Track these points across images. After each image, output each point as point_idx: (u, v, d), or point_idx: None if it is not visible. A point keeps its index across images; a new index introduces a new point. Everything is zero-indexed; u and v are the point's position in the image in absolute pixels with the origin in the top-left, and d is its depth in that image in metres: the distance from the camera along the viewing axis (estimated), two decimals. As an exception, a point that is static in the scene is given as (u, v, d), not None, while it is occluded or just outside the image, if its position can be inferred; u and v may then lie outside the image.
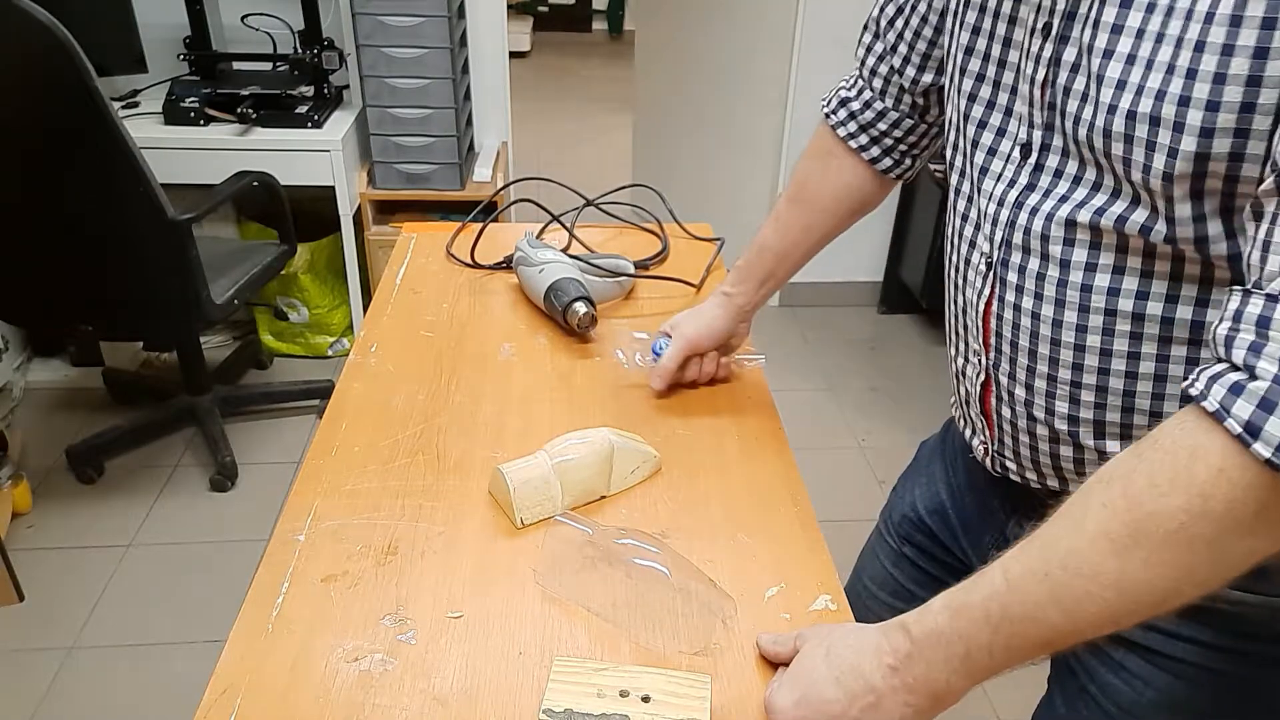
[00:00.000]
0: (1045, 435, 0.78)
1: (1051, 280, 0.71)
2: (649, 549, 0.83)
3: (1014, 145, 0.75)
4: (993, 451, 0.85)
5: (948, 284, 0.86)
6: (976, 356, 0.82)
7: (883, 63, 0.96)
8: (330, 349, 2.90)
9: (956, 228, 0.83)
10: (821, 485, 1.12)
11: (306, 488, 0.95)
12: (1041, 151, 0.72)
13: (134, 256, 2.06)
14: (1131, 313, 0.68)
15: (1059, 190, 0.71)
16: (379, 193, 2.66)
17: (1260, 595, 0.71)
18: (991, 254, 0.77)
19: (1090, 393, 0.72)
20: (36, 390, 2.71)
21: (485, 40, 2.81)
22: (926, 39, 0.91)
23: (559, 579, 0.84)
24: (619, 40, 6.89)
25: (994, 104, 0.77)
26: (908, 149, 1.01)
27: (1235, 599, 0.72)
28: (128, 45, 2.48)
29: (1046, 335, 0.73)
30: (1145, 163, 0.62)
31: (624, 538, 0.84)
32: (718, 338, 1.12)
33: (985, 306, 0.79)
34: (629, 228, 1.52)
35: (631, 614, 0.81)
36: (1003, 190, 0.75)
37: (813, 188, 1.06)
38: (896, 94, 0.97)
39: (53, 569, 2.10)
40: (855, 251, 3.23)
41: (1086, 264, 0.69)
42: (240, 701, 0.73)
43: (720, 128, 3.29)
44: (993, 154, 0.77)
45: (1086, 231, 0.69)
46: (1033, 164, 0.73)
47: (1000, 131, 0.77)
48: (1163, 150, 0.61)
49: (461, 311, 1.29)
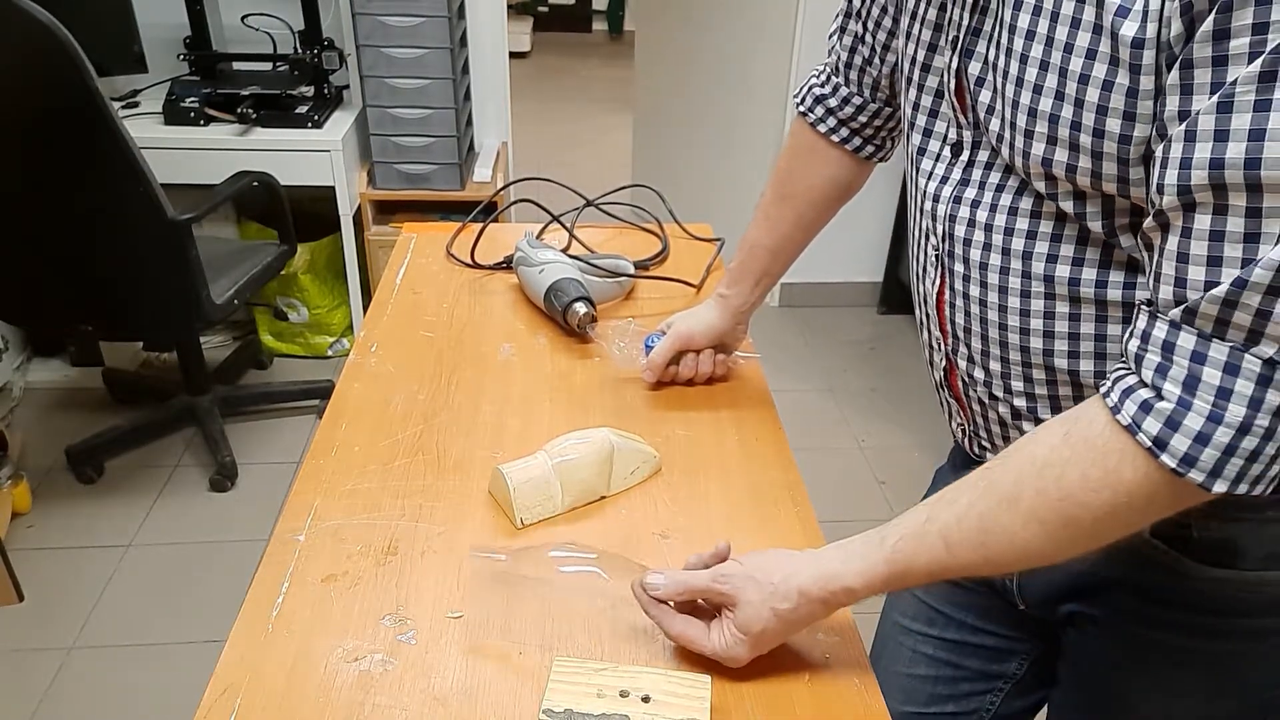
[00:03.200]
0: (1008, 413, 0.80)
1: (994, 268, 0.74)
2: (581, 555, 0.82)
3: (943, 145, 0.79)
4: (969, 433, 0.88)
5: (910, 275, 0.89)
6: (938, 343, 0.85)
7: (855, 54, 0.97)
8: (330, 349, 2.90)
9: (914, 220, 0.86)
10: (821, 485, 1.12)
11: (306, 488, 0.96)
12: (972, 149, 0.76)
13: (134, 256, 2.06)
14: (1068, 293, 0.71)
15: (992, 182, 0.74)
16: (379, 193, 2.66)
17: (1235, 570, 0.73)
18: (939, 245, 0.79)
19: (1040, 371, 0.75)
20: (36, 390, 2.71)
21: (485, 40, 2.81)
22: (886, 29, 0.93)
23: (490, 621, 0.82)
24: (619, 40, 6.88)
25: (919, 105, 0.81)
26: (887, 133, 1.04)
27: (1210, 575, 0.74)
28: (128, 45, 2.48)
29: (994, 320, 0.76)
30: (1064, 174, 0.66)
31: (555, 549, 0.83)
32: (711, 334, 1.12)
33: (938, 296, 0.82)
34: (629, 228, 1.52)
35: (569, 628, 0.81)
36: (936, 187, 0.79)
37: (799, 182, 1.08)
38: (871, 84, 0.99)
39: (53, 569, 2.10)
40: (855, 252, 3.23)
41: (1026, 238, 0.72)
42: (240, 701, 0.73)
43: (720, 128, 3.29)
44: (922, 153, 0.81)
45: (1027, 214, 0.71)
46: (965, 161, 0.76)
47: (927, 132, 0.81)
48: (1069, 167, 0.65)
49: (461, 311, 1.29)
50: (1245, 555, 0.73)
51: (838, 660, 0.79)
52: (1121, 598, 0.80)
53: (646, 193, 1.52)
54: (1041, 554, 0.65)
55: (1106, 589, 0.81)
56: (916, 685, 1.02)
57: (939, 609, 1.01)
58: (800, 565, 0.75)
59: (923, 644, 1.01)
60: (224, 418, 2.47)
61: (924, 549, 0.70)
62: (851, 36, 0.97)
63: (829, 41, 1.01)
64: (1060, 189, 0.68)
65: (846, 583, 0.72)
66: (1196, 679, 0.79)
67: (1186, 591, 0.76)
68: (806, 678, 0.77)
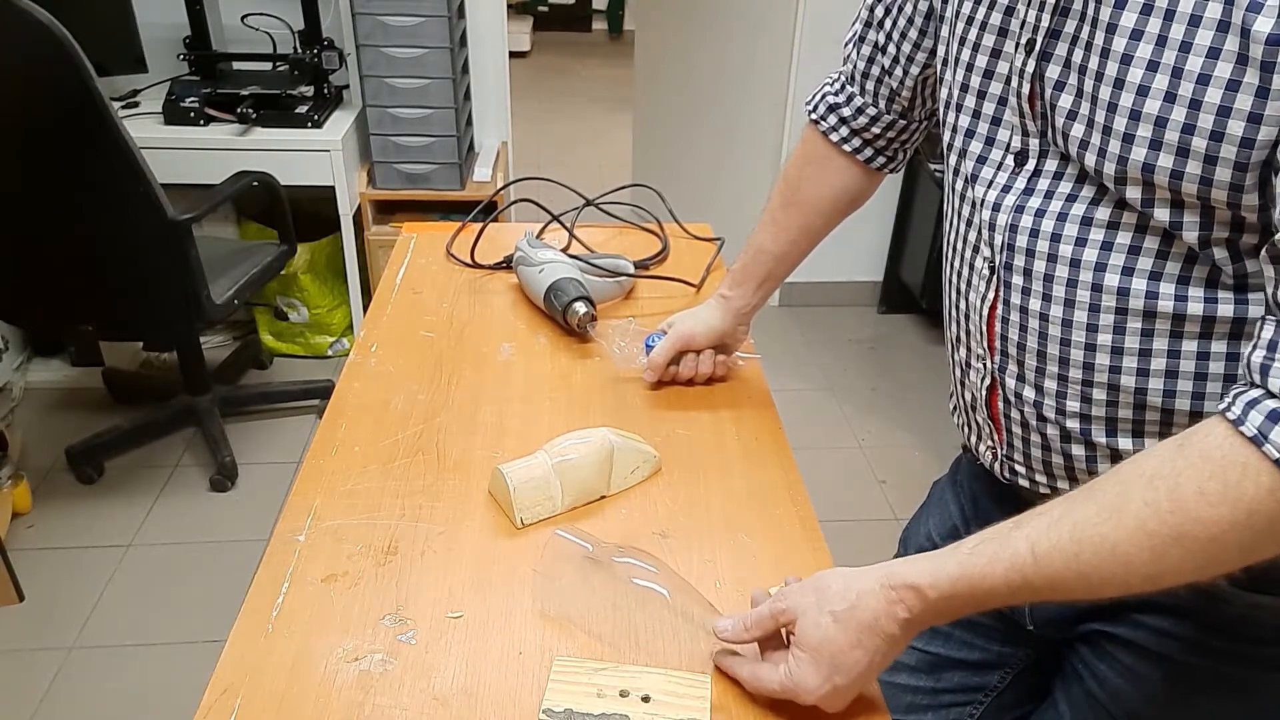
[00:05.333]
0: (1056, 435, 0.77)
1: (1060, 280, 0.72)
2: (648, 568, 0.82)
3: (1005, 153, 0.76)
4: (1001, 456, 0.85)
5: (948, 289, 0.86)
6: (980, 361, 0.82)
7: (873, 64, 0.97)
8: (330, 349, 2.90)
9: (958, 233, 0.83)
10: (821, 485, 1.12)
11: (306, 488, 0.95)
12: (1039, 158, 0.73)
13: (134, 256, 2.06)
14: (1143, 307, 0.68)
15: (1062, 191, 0.71)
16: (379, 193, 2.66)
17: (1274, 598, 0.71)
18: (994, 258, 0.77)
19: (1102, 390, 0.72)
20: (36, 390, 2.71)
21: (485, 40, 2.81)
22: (912, 40, 0.92)
23: (556, 596, 0.83)
24: (619, 40, 6.88)
25: (980, 114, 0.78)
26: (900, 145, 1.03)
27: (1250, 601, 0.72)
28: (128, 45, 2.48)
29: (1056, 335, 0.73)
30: (1167, 181, 0.63)
31: (624, 555, 0.83)
32: (712, 335, 1.12)
33: (989, 310, 0.78)
34: (629, 228, 1.52)
35: (626, 635, 0.80)
36: (997, 196, 0.76)
37: (808, 190, 1.07)
38: (888, 95, 0.98)
39: (53, 569, 2.10)
40: (855, 251, 3.23)
41: (1100, 249, 0.69)
42: (240, 701, 0.73)
43: (720, 128, 3.29)
44: (982, 162, 0.78)
45: (1103, 224, 0.69)
46: (1030, 170, 0.74)
47: (989, 140, 0.77)
48: (1175, 173, 0.62)
49: (461, 311, 1.29)
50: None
51: (838, 660, 0.79)
52: (1152, 619, 0.78)
53: (646, 192, 1.52)
54: (1144, 572, 0.59)
55: (1135, 609, 0.79)
56: (896, 693, 1.01)
57: None
58: (864, 569, 0.70)
59: (907, 654, 0.99)
60: (224, 418, 2.47)
61: (1005, 553, 0.63)
62: (871, 46, 0.96)
63: (845, 49, 1.00)
64: (1158, 196, 0.65)
65: (910, 580, 0.66)
66: (1227, 707, 0.77)
67: (1224, 616, 0.73)
68: (806, 678, 0.77)
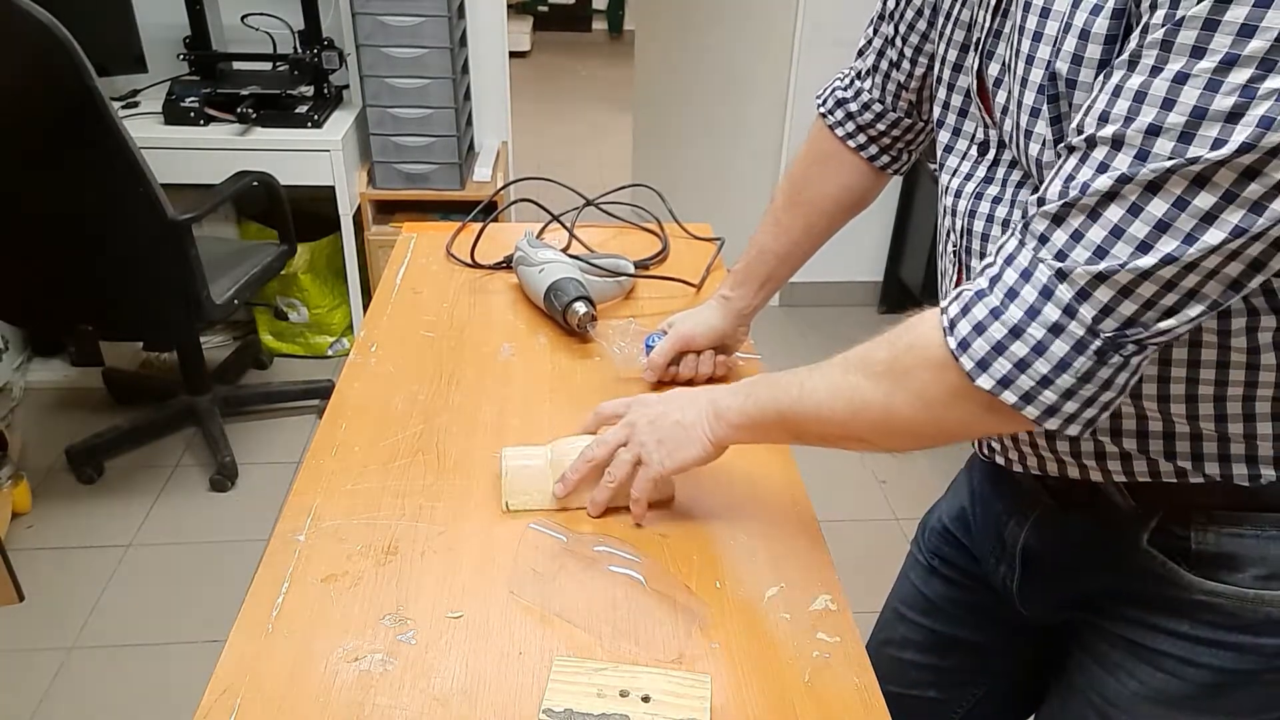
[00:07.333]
0: None
1: None
2: (626, 555, 0.83)
3: (970, 144, 0.79)
4: (984, 440, 0.88)
5: (938, 281, 0.89)
6: None
7: (884, 57, 0.97)
8: (330, 349, 2.90)
9: (939, 224, 0.85)
10: (821, 485, 1.12)
11: (306, 488, 0.95)
12: (998, 149, 0.75)
13: (134, 256, 2.06)
14: None
15: (1013, 179, 0.74)
16: (379, 192, 2.66)
17: (1231, 586, 0.73)
18: (958, 243, 0.79)
19: None
20: (36, 390, 2.71)
21: (485, 40, 2.81)
22: (920, 32, 0.92)
23: (533, 587, 0.83)
24: (619, 40, 6.89)
25: (949, 105, 0.81)
26: (905, 145, 1.03)
27: (1208, 589, 0.74)
28: (128, 45, 2.48)
29: None
30: None
31: (601, 544, 0.84)
32: (713, 336, 1.12)
33: None
34: (629, 228, 1.52)
35: (606, 621, 0.81)
36: (960, 183, 0.79)
37: (813, 190, 1.07)
38: (895, 90, 0.98)
39: (53, 569, 2.11)
40: (855, 251, 3.23)
41: None
42: (240, 702, 0.73)
43: (720, 128, 3.29)
44: (949, 151, 0.81)
45: None
46: (990, 159, 0.76)
47: (956, 131, 0.81)
48: None
49: (461, 311, 1.29)
50: (1243, 570, 0.72)
51: (838, 660, 0.79)
52: (1124, 608, 0.80)
53: (646, 192, 1.51)
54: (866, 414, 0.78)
55: (1110, 598, 0.81)
56: (903, 668, 1.04)
57: (937, 602, 1.02)
58: None
59: (915, 631, 1.03)
60: (224, 418, 2.47)
61: (781, 384, 0.82)
62: (883, 39, 0.97)
63: (861, 43, 1.01)
64: None
65: (714, 394, 0.86)
66: (1191, 690, 0.78)
67: (1186, 604, 0.75)
68: (806, 678, 0.77)
